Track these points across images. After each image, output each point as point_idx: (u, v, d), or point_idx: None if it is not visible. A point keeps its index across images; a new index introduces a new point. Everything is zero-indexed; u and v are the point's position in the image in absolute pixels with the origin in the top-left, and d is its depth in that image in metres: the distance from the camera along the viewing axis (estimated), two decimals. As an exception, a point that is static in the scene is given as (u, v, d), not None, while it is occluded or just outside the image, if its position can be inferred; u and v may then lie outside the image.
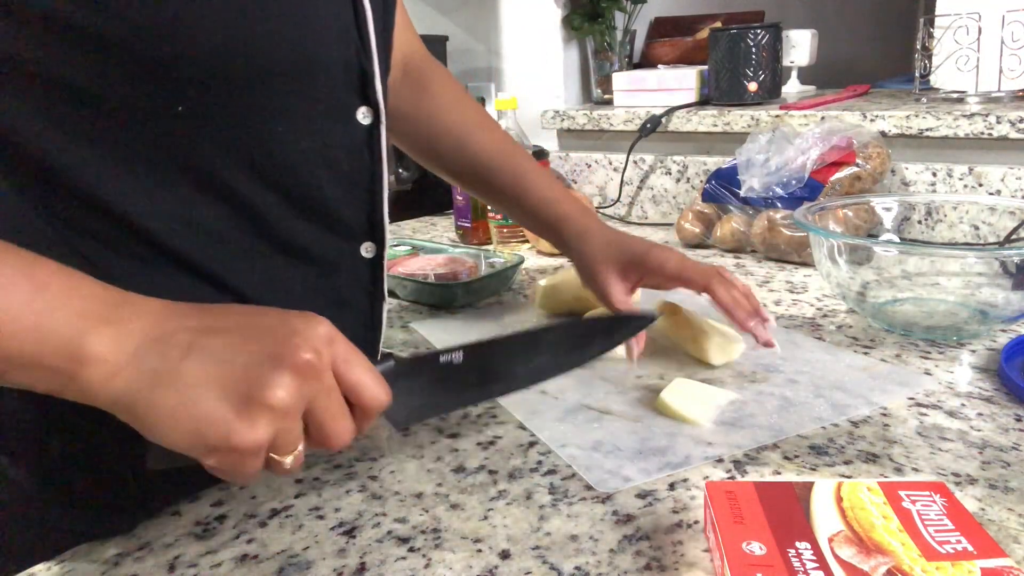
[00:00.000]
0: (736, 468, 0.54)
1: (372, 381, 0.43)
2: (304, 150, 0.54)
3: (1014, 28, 1.11)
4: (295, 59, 0.51)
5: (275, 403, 0.38)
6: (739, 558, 0.39)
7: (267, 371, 0.38)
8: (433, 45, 1.54)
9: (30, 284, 0.38)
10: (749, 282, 0.98)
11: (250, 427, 0.38)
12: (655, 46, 1.64)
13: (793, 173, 1.07)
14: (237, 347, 0.39)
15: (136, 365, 0.38)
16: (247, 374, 0.38)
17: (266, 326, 0.41)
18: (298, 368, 0.39)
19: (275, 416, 0.38)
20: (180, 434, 0.38)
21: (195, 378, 0.38)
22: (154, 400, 0.38)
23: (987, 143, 1.09)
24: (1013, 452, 0.55)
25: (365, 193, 0.59)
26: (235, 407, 0.38)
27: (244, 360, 0.39)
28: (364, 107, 0.57)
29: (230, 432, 0.38)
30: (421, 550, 0.47)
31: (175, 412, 0.38)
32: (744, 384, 0.67)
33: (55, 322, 0.37)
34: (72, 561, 0.49)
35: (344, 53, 0.55)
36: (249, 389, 0.38)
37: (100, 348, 0.38)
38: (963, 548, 0.39)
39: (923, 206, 1.08)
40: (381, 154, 0.59)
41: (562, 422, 0.61)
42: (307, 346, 0.39)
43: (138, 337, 0.39)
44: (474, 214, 1.26)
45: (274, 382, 0.38)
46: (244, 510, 0.52)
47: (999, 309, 0.75)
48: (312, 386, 0.40)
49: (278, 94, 0.51)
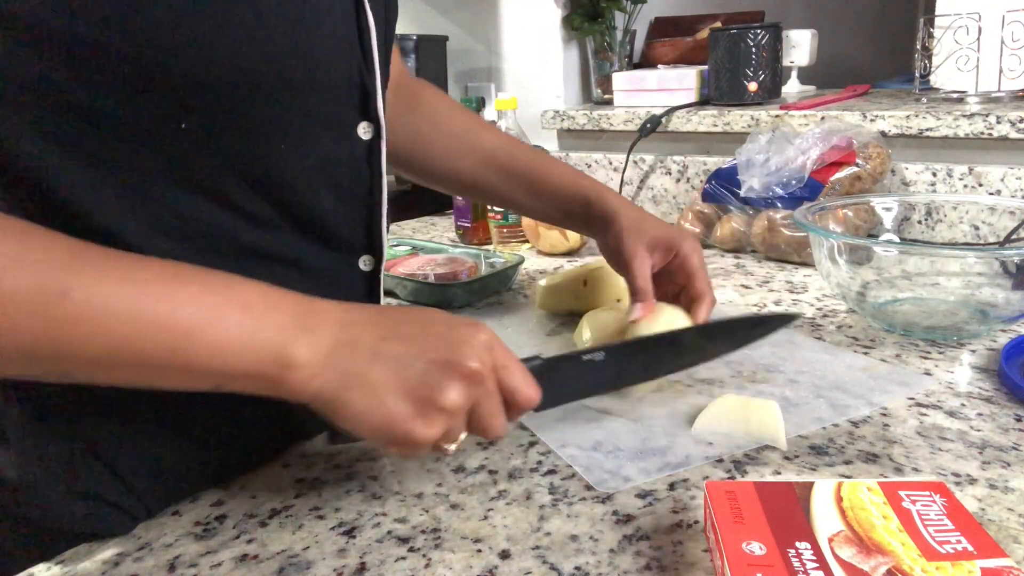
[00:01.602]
0: (736, 468, 0.54)
1: (525, 384, 0.49)
2: (304, 165, 0.54)
3: (1014, 28, 1.11)
4: (298, 77, 0.51)
5: (448, 406, 0.45)
6: (739, 558, 0.39)
7: (442, 378, 0.45)
8: (433, 45, 1.54)
9: (237, 306, 0.43)
10: (749, 282, 0.98)
11: (427, 425, 0.45)
12: (655, 46, 1.64)
13: (793, 173, 1.07)
14: (415, 355, 0.45)
15: (331, 368, 0.44)
16: (425, 379, 0.45)
17: (438, 334, 0.47)
18: (467, 375, 0.45)
19: (447, 416, 0.45)
20: (369, 428, 0.45)
21: (381, 381, 0.45)
22: (348, 399, 0.45)
23: (987, 143, 1.09)
24: (1013, 452, 0.55)
25: (364, 208, 0.59)
26: (415, 408, 0.45)
27: (422, 367, 0.45)
28: (365, 122, 0.57)
29: (411, 429, 0.45)
30: (421, 550, 0.47)
31: (365, 410, 0.45)
32: (744, 384, 0.67)
33: (264, 339, 0.43)
34: (72, 561, 0.49)
35: (347, 70, 0.55)
36: (428, 393, 0.45)
37: (301, 354, 0.44)
38: (963, 548, 0.39)
39: (923, 206, 1.08)
40: (381, 169, 0.60)
41: (562, 422, 0.61)
42: (474, 354, 0.46)
43: (330, 342, 0.45)
44: (474, 214, 1.26)
45: (448, 387, 0.45)
46: (244, 510, 0.52)
47: (999, 309, 0.75)
48: (477, 391, 0.46)
49: (280, 111, 0.51)
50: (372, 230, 0.60)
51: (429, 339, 0.46)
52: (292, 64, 0.50)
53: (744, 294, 0.93)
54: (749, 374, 0.69)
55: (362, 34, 0.55)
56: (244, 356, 0.43)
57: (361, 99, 0.57)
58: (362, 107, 0.57)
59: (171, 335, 0.41)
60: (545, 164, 0.79)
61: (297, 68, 0.51)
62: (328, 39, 0.53)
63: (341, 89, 0.55)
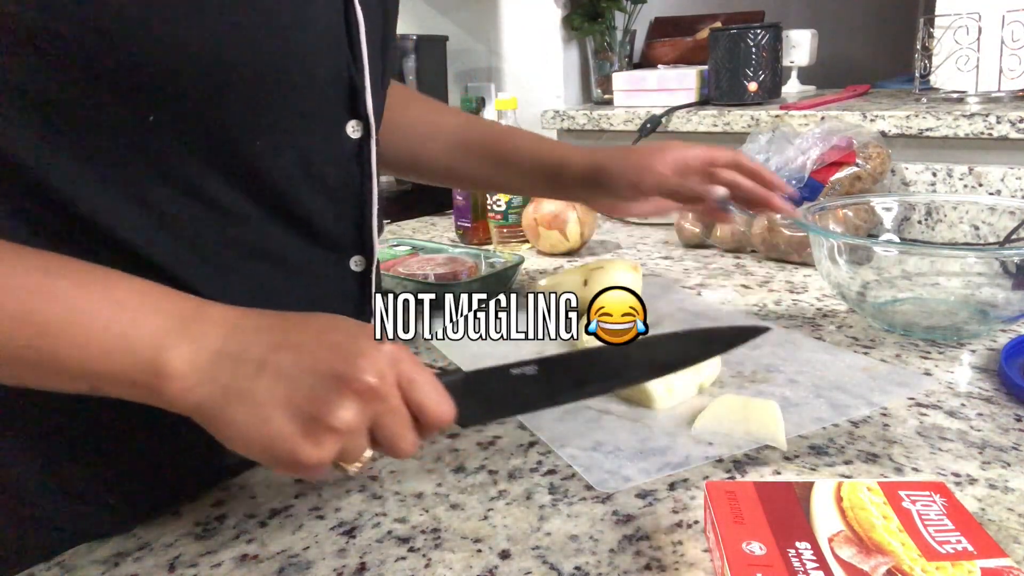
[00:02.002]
0: (736, 468, 0.54)
1: (436, 400, 0.44)
2: (288, 162, 0.53)
3: (1014, 28, 1.11)
4: (275, 67, 0.49)
5: (339, 425, 0.40)
6: (739, 558, 0.39)
7: (333, 394, 0.40)
8: (433, 45, 1.54)
9: (109, 304, 0.41)
10: (749, 282, 0.98)
11: (316, 447, 0.41)
12: (655, 46, 1.64)
13: (793, 173, 1.07)
14: (305, 367, 0.41)
15: (211, 381, 0.41)
16: (314, 396, 0.40)
17: (335, 344, 0.42)
18: (362, 391, 0.41)
19: (340, 436, 0.41)
20: (251, 448, 0.41)
21: (265, 397, 0.40)
22: (227, 415, 0.41)
23: (987, 143, 1.09)
24: (1013, 452, 0.55)
25: (353, 208, 0.58)
26: (302, 428, 0.40)
27: (311, 381, 0.41)
28: (354, 120, 0.56)
29: (297, 450, 0.40)
30: (421, 550, 0.47)
31: (247, 428, 0.41)
32: (744, 384, 0.67)
33: (136, 343, 0.40)
34: (72, 561, 0.49)
35: (333, 63, 0.53)
36: (316, 411, 0.40)
37: (178, 364, 0.40)
38: (963, 548, 0.39)
39: (923, 206, 1.08)
40: (371, 168, 0.58)
41: (562, 422, 0.61)
42: (371, 368, 0.41)
43: (212, 351, 0.41)
44: (474, 214, 1.26)
45: (339, 405, 0.40)
46: (244, 510, 0.52)
47: (999, 309, 0.75)
48: (376, 407, 0.42)
49: (258, 103, 0.50)
50: (363, 230, 0.59)
51: (323, 349, 0.42)
52: (269, 57, 0.48)
53: (744, 294, 0.93)
54: (749, 374, 0.69)
55: (350, 29, 0.54)
56: (112, 360, 0.40)
57: (349, 96, 0.55)
58: (350, 105, 0.56)
59: (38, 333, 0.39)
60: (511, 135, 0.79)
61: (274, 62, 0.49)
62: (310, 33, 0.51)
63: (327, 86, 0.54)
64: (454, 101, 1.56)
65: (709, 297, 0.92)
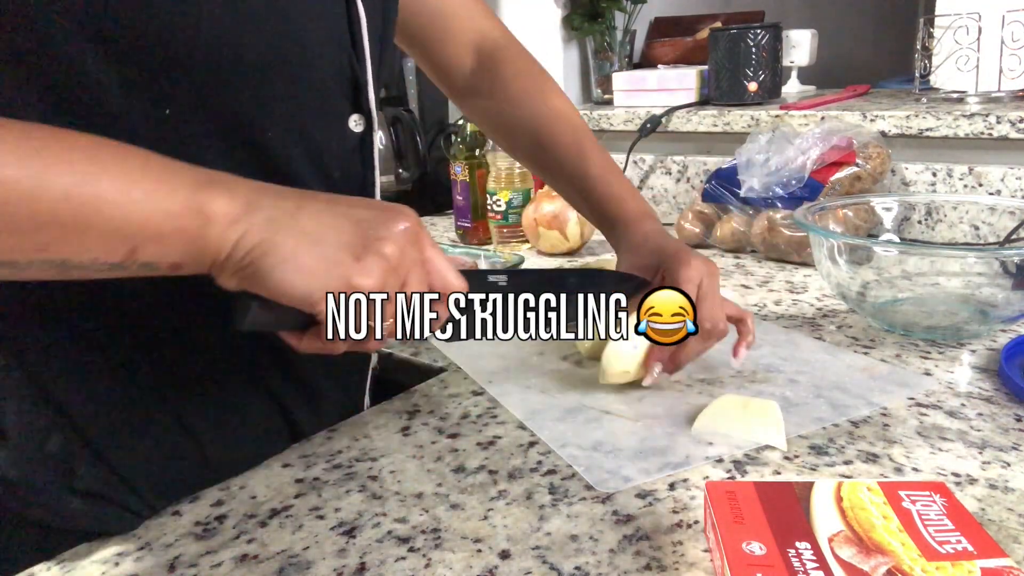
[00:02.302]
0: (736, 468, 0.54)
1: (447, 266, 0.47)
2: (294, 155, 0.54)
3: (1014, 28, 1.11)
4: (284, 61, 0.51)
5: (389, 253, 0.42)
6: (739, 558, 0.39)
7: (380, 227, 0.43)
8: (433, 45, 1.54)
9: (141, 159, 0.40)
10: (749, 282, 0.98)
11: (367, 272, 0.42)
12: (655, 46, 1.64)
13: (793, 173, 1.07)
14: (342, 213, 0.43)
15: (254, 213, 0.41)
16: (361, 228, 0.43)
17: (364, 203, 0.45)
18: (400, 233, 0.43)
19: (387, 268, 0.43)
20: (301, 275, 0.41)
21: (313, 226, 0.42)
22: (276, 243, 0.41)
23: (987, 143, 1.09)
24: (1013, 452, 0.55)
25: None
26: (354, 253, 0.42)
27: (357, 217, 0.43)
28: (356, 115, 0.57)
29: (350, 272, 0.42)
30: (421, 550, 0.47)
31: (296, 254, 0.41)
32: (744, 384, 0.67)
33: (173, 186, 0.40)
34: (72, 561, 0.49)
35: (336, 59, 0.55)
36: (365, 239, 0.42)
37: (219, 203, 0.40)
38: (963, 548, 0.39)
39: (923, 206, 1.08)
40: (373, 161, 0.60)
41: (562, 422, 0.61)
42: (403, 219, 0.44)
43: (249, 190, 0.42)
44: (474, 214, 1.26)
45: (387, 236, 0.43)
46: (244, 510, 0.52)
47: (999, 309, 0.75)
48: (411, 252, 0.44)
49: (266, 97, 0.51)
50: None
51: (357, 204, 0.45)
52: (275, 51, 0.50)
53: (744, 294, 0.93)
54: (749, 374, 0.69)
55: (352, 25, 0.55)
56: (155, 203, 0.39)
57: (352, 91, 0.57)
58: (353, 99, 0.57)
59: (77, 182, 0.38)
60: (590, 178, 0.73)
61: (282, 54, 0.50)
62: (315, 27, 0.52)
63: (330, 79, 0.55)
64: (454, 101, 1.56)
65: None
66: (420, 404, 0.67)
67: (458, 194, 1.27)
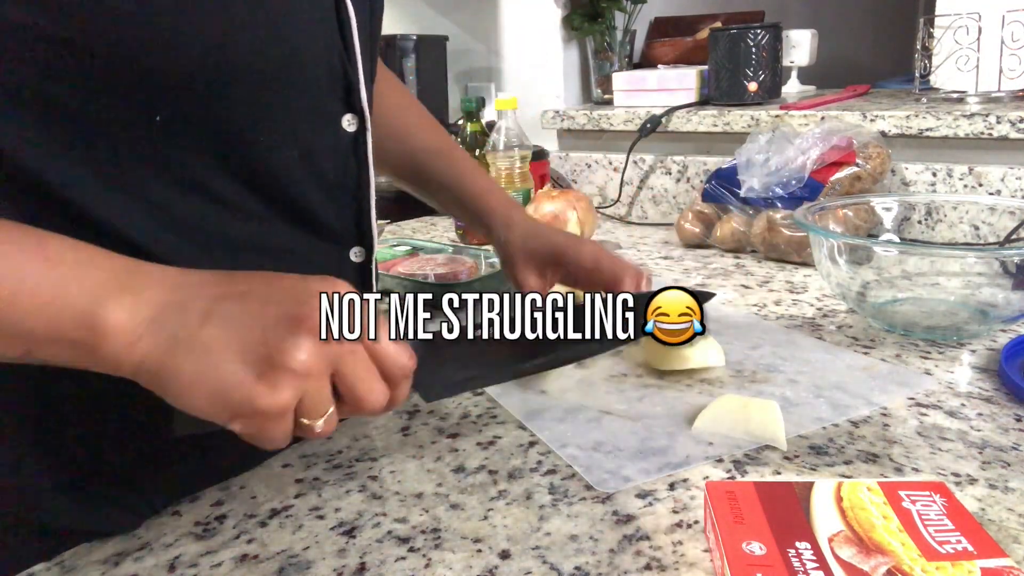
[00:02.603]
0: (736, 468, 0.54)
1: (394, 345, 0.43)
2: (287, 157, 0.54)
3: (1014, 28, 1.11)
4: (275, 66, 0.51)
5: (296, 366, 0.38)
6: (739, 558, 0.39)
7: (287, 333, 0.38)
8: (433, 45, 1.54)
9: (43, 260, 0.38)
10: (749, 282, 0.98)
11: (272, 390, 0.38)
12: (655, 46, 1.64)
13: (793, 173, 1.07)
14: (255, 312, 0.39)
15: (155, 332, 0.38)
16: (266, 337, 0.38)
17: (285, 288, 0.41)
18: (307, 338, 0.39)
19: (298, 378, 0.38)
20: (203, 399, 0.38)
21: (215, 343, 0.38)
22: (176, 366, 0.38)
23: (987, 143, 1.09)
24: (1013, 452, 0.55)
25: (352, 200, 0.60)
26: (256, 371, 0.38)
27: (263, 323, 0.39)
28: (349, 114, 0.57)
29: (252, 396, 0.38)
30: (421, 550, 0.47)
31: (196, 377, 0.38)
32: (744, 384, 0.67)
33: (71, 295, 0.38)
34: (72, 561, 0.49)
35: (327, 60, 0.55)
36: (269, 352, 0.38)
37: (118, 317, 0.38)
38: (963, 548, 0.39)
39: (923, 206, 1.08)
40: (367, 161, 0.60)
41: (562, 422, 0.61)
42: (310, 316, 0.39)
43: (155, 304, 0.39)
44: (474, 214, 1.26)
45: (294, 344, 0.38)
46: (244, 510, 0.52)
47: (999, 309, 0.75)
48: (334, 348, 0.39)
49: (259, 102, 0.51)
50: (361, 221, 0.61)
51: (273, 294, 0.40)
52: (266, 53, 0.50)
53: (744, 294, 0.93)
54: (749, 374, 0.69)
55: (343, 26, 0.55)
56: (47, 315, 0.37)
57: (344, 91, 0.57)
58: (346, 99, 0.57)
59: None
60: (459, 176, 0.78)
61: (274, 59, 0.50)
62: (306, 30, 0.52)
63: (323, 81, 0.55)
64: (454, 101, 1.56)
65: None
66: (420, 404, 0.67)
67: (458, 194, 1.26)
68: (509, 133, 1.18)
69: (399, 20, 1.69)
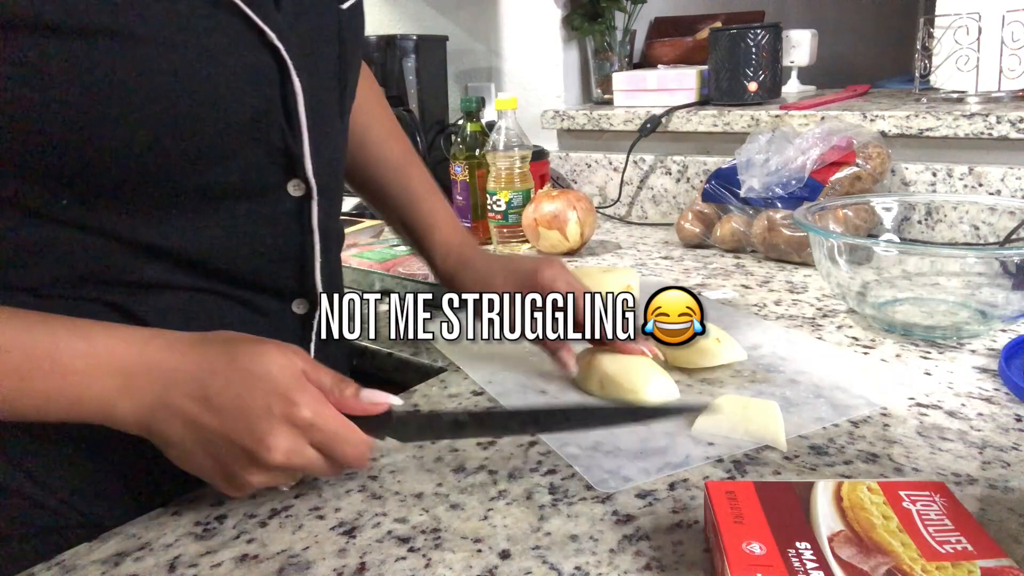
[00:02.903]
0: (736, 468, 0.54)
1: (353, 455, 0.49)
2: (220, 232, 0.54)
3: (1014, 28, 1.11)
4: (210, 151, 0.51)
5: (253, 484, 0.48)
6: (739, 558, 0.39)
7: (245, 464, 0.47)
8: (433, 45, 1.54)
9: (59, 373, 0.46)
10: (749, 282, 0.98)
11: (237, 490, 0.49)
12: (655, 46, 1.64)
13: (793, 173, 1.07)
14: (222, 437, 0.47)
15: (151, 428, 0.48)
16: (229, 462, 0.47)
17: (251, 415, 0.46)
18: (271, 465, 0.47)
19: (255, 486, 0.48)
20: (203, 472, 0.49)
21: (192, 449, 0.47)
22: (168, 452, 0.48)
23: (987, 143, 1.09)
24: (1013, 452, 0.55)
25: (292, 264, 0.59)
26: (224, 478, 0.48)
27: (226, 449, 0.47)
28: (295, 180, 0.56)
29: (222, 488, 0.49)
30: (421, 550, 0.47)
31: (182, 464, 0.49)
32: (744, 384, 0.67)
33: (85, 403, 0.47)
34: (72, 561, 0.49)
35: (264, 140, 0.53)
36: (231, 472, 0.47)
37: (124, 413, 0.47)
38: (963, 548, 0.39)
39: (923, 206, 1.08)
40: (312, 225, 0.58)
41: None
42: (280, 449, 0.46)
43: (150, 406, 0.47)
44: (474, 214, 1.26)
45: (250, 473, 0.47)
46: (244, 510, 0.52)
47: (999, 309, 0.75)
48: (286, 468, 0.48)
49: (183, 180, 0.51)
50: (304, 280, 0.60)
51: (239, 419, 0.46)
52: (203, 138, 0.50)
53: (744, 294, 0.93)
54: (749, 374, 0.69)
55: (287, 101, 0.53)
56: (72, 412, 0.47)
57: (287, 163, 0.55)
58: (288, 169, 0.56)
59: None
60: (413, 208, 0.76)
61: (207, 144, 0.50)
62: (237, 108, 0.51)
63: (258, 158, 0.54)
64: (454, 101, 1.56)
65: (709, 297, 0.92)
66: (420, 404, 0.67)
67: (458, 194, 1.27)
68: (509, 133, 1.18)
69: (399, 20, 1.69)
